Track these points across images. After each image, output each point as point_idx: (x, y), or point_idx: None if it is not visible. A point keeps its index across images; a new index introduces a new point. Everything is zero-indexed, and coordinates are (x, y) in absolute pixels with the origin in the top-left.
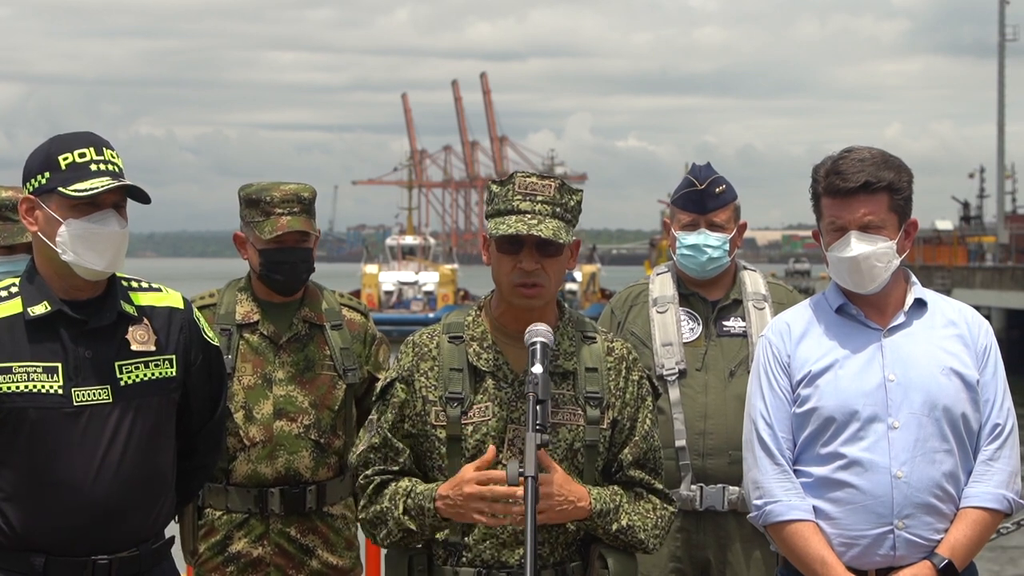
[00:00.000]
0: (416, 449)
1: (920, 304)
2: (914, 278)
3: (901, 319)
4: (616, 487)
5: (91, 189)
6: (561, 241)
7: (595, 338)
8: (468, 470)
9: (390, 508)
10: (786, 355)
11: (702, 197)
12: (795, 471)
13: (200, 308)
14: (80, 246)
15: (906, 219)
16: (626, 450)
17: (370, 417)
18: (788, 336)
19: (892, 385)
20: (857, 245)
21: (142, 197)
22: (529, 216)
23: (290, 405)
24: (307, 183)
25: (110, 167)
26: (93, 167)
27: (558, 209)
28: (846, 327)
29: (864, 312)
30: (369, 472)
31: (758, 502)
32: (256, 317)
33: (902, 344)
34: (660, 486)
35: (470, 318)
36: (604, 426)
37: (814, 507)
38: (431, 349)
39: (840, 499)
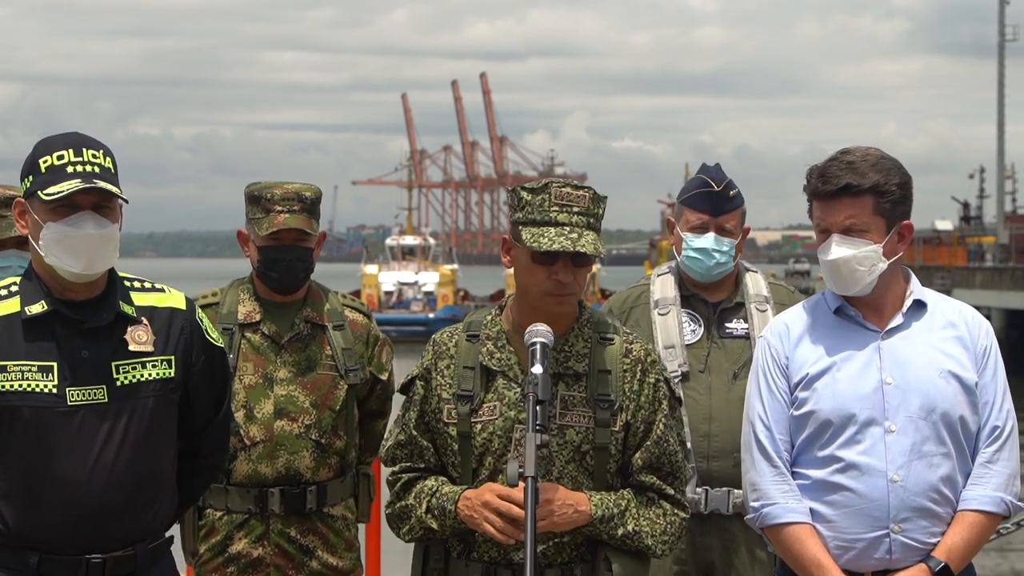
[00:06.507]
0: (435, 445)
1: (919, 305)
2: (914, 278)
3: (899, 320)
4: (626, 491)
5: (59, 192)
6: (600, 254)
7: (613, 339)
8: (493, 486)
9: (414, 506)
10: (784, 357)
11: (718, 199)
12: (793, 473)
13: (203, 307)
14: (57, 248)
15: (897, 222)
16: (637, 454)
17: (399, 412)
18: (787, 337)
19: (889, 388)
20: (837, 249)
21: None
22: (568, 229)
23: (291, 405)
24: (313, 184)
25: (88, 168)
26: (69, 169)
27: (591, 220)
28: (844, 329)
29: (862, 313)
30: (396, 469)
31: (755, 504)
32: (258, 316)
33: (900, 347)
34: (672, 491)
35: (489, 317)
36: (616, 428)
37: (811, 510)
38: (449, 347)
39: (837, 502)
